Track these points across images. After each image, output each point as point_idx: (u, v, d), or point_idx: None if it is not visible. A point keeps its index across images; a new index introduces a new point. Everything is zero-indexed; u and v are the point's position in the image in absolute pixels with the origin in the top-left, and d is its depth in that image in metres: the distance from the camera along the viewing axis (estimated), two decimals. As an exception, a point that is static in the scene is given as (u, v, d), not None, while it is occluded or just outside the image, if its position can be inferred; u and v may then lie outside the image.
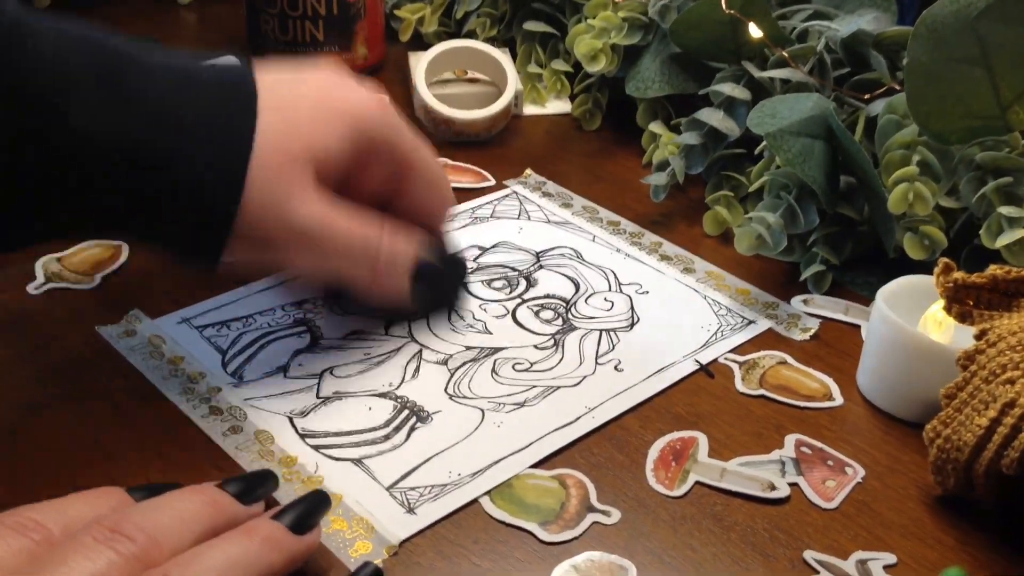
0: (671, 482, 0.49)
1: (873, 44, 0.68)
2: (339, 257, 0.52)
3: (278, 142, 0.49)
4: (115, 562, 0.35)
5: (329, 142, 0.51)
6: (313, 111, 0.51)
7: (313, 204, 0.51)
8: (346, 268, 0.53)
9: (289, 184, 0.50)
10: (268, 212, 0.49)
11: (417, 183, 0.56)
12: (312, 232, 0.51)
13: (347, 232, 0.52)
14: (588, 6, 0.80)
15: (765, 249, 0.62)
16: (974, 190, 0.59)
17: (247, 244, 0.50)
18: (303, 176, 0.50)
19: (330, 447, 0.50)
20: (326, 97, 0.53)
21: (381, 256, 0.53)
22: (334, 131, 0.51)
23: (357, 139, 0.52)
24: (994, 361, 0.45)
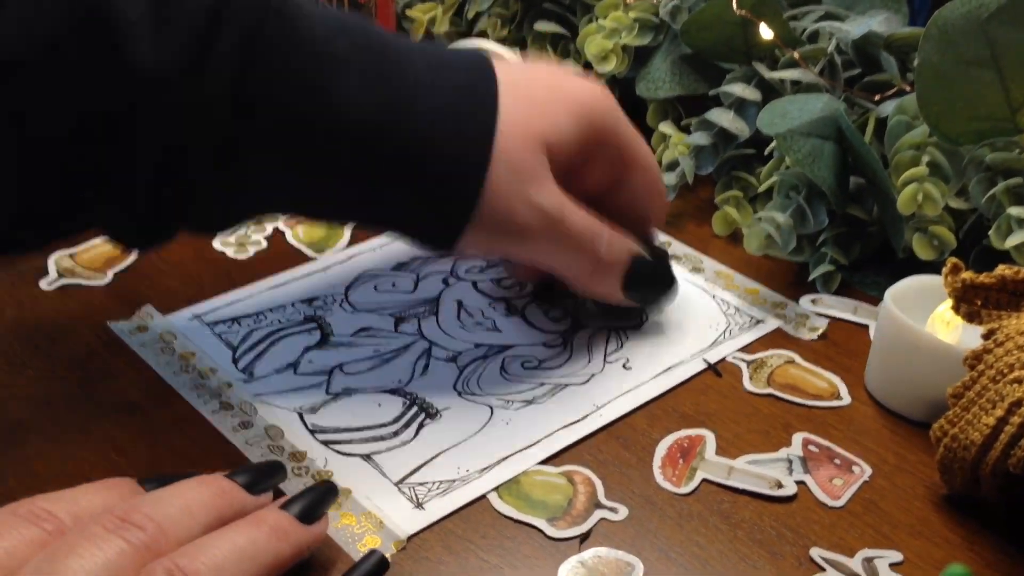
0: (678, 480, 0.49)
1: (884, 45, 0.68)
2: (569, 248, 0.52)
3: (518, 125, 0.50)
4: (125, 551, 0.35)
5: (561, 129, 0.51)
6: (546, 97, 0.52)
7: (551, 190, 0.51)
8: (571, 260, 0.53)
9: (531, 168, 0.50)
10: (510, 195, 0.49)
11: (637, 178, 0.56)
12: (550, 219, 0.51)
13: (580, 223, 0.52)
14: (599, 6, 0.80)
15: (774, 249, 0.62)
16: (983, 191, 0.59)
17: (486, 228, 0.50)
18: (542, 164, 0.50)
19: (339, 443, 0.50)
20: (557, 85, 0.53)
21: (603, 250, 0.53)
22: (566, 118, 0.52)
23: (586, 128, 0.52)
24: (1002, 360, 0.45)
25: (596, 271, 0.54)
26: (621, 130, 0.54)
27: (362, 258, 0.65)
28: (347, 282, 0.62)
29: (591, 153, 0.53)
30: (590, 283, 0.55)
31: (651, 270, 0.57)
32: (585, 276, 0.54)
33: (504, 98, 0.50)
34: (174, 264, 0.63)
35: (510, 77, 0.51)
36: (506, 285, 0.62)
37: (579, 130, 0.52)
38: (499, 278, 0.63)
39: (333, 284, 0.62)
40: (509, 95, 0.50)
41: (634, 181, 0.56)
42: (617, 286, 0.55)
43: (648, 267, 0.56)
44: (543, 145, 0.50)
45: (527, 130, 0.50)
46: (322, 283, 0.62)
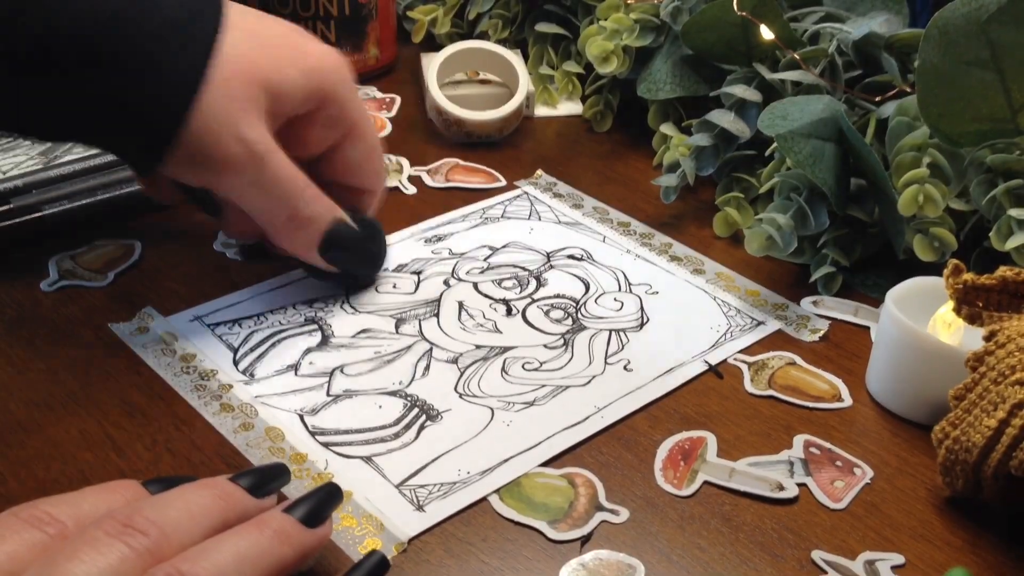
0: (680, 482, 0.49)
1: (884, 46, 0.68)
2: (268, 193, 0.53)
3: (241, 61, 0.50)
4: (127, 556, 0.35)
5: (287, 80, 0.52)
6: (278, 48, 0.53)
7: (261, 130, 0.52)
8: (269, 207, 0.54)
9: (244, 106, 0.51)
10: (219, 124, 0.50)
11: (355, 149, 0.57)
12: (258, 155, 0.51)
13: (283, 170, 0.53)
14: (600, 8, 0.80)
15: (775, 250, 0.62)
16: (984, 192, 0.59)
17: (188, 156, 0.51)
18: (257, 103, 0.51)
19: (340, 444, 0.50)
20: (292, 41, 0.54)
21: (302, 206, 0.54)
22: (293, 73, 0.52)
23: (312, 87, 0.53)
24: (1003, 362, 0.45)
25: (292, 225, 0.55)
26: (347, 97, 0.55)
27: (363, 259, 0.65)
28: (348, 283, 0.62)
29: (313, 113, 0.55)
30: (286, 236, 0.56)
31: (350, 237, 0.57)
32: (281, 227, 0.55)
33: (231, 33, 0.51)
34: (175, 265, 0.63)
35: (246, 22, 0.52)
36: (507, 286, 0.62)
37: (305, 86, 0.53)
38: (500, 279, 0.63)
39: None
40: (238, 32, 0.51)
41: (352, 150, 0.57)
42: (313, 246, 0.56)
43: (348, 233, 0.57)
44: (264, 87, 0.51)
45: (250, 68, 0.51)
46: (322, 285, 0.62)
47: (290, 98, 0.53)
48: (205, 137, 0.50)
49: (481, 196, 0.72)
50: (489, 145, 0.79)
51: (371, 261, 0.61)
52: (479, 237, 0.67)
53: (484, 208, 0.71)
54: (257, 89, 0.51)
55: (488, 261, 0.65)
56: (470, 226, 0.69)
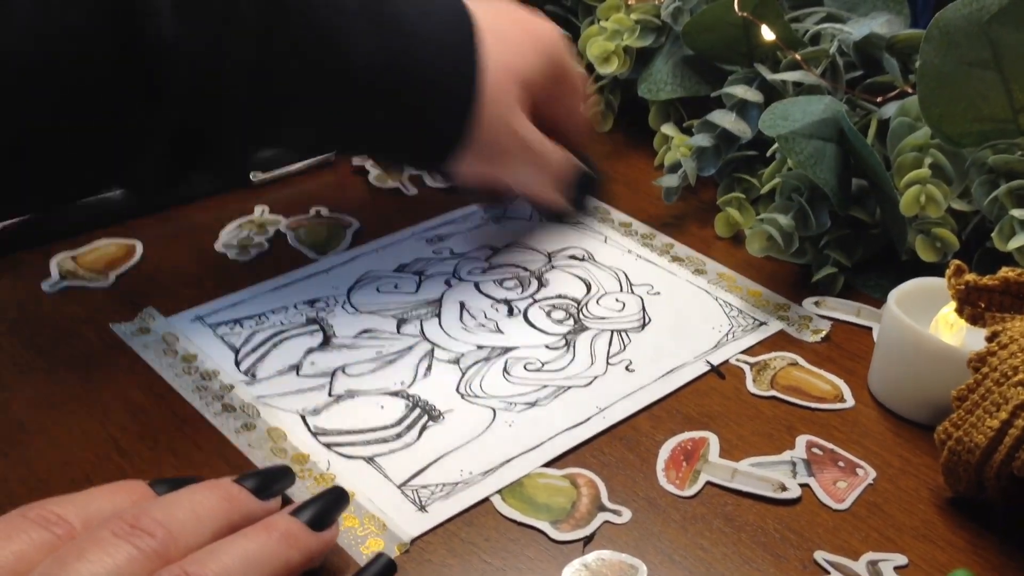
0: (682, 482, 0.49)
1: (886, 47, 0.68)
2: (535, 168, 0.62)
3: (499, 64, 0.58)
4: (134, 557, 0.35)
5: (532, 66, 0.60)
6: (517, 38, 0.60)
7: (525, 119, 0.60)
8: (535, 177, 0.63)
9: (513, 100, 0.59)
10: (495, 123, 0.58)
11: (574, 101, 0.66)
12: (525, 144, 0.60)
13: (545, 147, 0.62)
14: (601, 8, 0.80)
15: (776, 251, 0.62)
16: (986, 193, 0.59)
17: (475, 152, 0.59)
18: (520, 94, 0.59)
19: (342, 445, 0.50)
20: (523, 26, 0.62)
21: (554, 168, 0.63)
22: (535, 57, 0.61)
23: (549, 67, 0.61)
24: (1006, 363, 0.45)
25: (547, 182, 0.64)
26: (571, 63, 0.64)
27: (364, 259, 0.65)
28: (349, 283, 0.62)
29: (552, 87, 0.62)
30: (542, 194, 0.64)
31: (587, 180, 0.67)
32: (539, 189, 0.64)
33: (486, 35, 0.58)
34: (176, 266, 0.63)
35: (486, 21, 0.58)
36: (509, 287, 0.62)
37: (544, 66, 0.61)
38: (501, 279, 0.63)
39: (335, 285, 0.62)
40: (490, 38, 0.58)
41: (571, 103, 0.66)
42: (562, 195, 0.65)
43: (586, 178, 0.67)
44: (520, 81, 0.59)
45: (507, 68, 0.58)
46: (324, 284, 0.62)
47: (535, 81, 0.60)
48: (486, 136, 0.58)
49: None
50: (490, 145, 0.79)
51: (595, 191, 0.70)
52: (480, 237, 0.67)
53: (485, 208, 0.71)
54: (515, 85, 0.59)
55: (490, 261, 0.65)
56: (471, 226, 0.69)
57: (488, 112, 0.58)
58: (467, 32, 0.57)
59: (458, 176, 0.61)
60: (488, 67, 0.57)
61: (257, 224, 0.68)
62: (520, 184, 0.63)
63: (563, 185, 0.65)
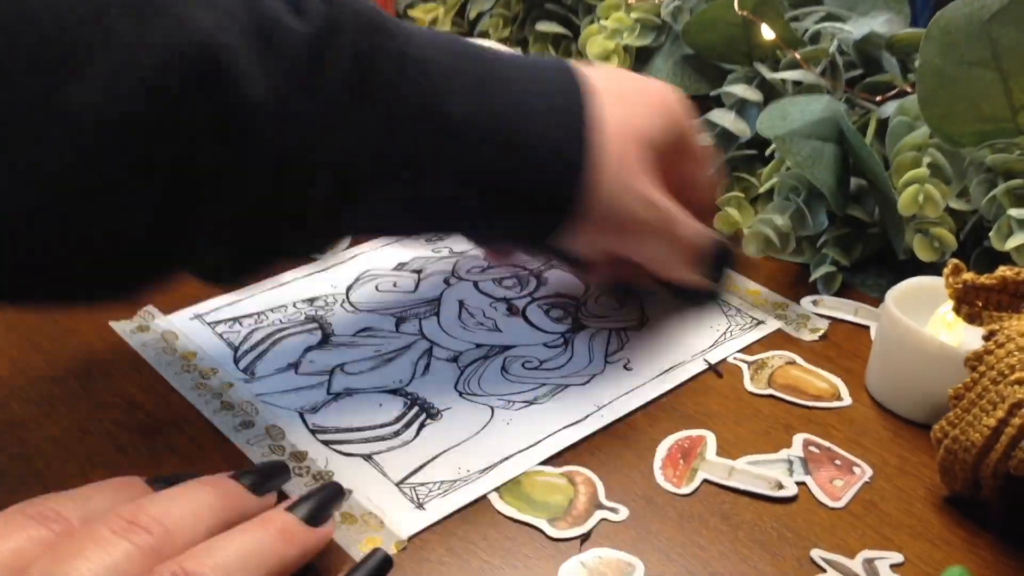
0: (679, 480, 0.49)
1: (885, 46, 0.68)
2: (667, 238, 0.54)
3: (618, 122, 0.51)
4: (131, 553, 0.35)
5: (656, 126, 0.54)
6: (637, 97, 0.54)
7: (658, 186, 0.53)
8: (667, 249, 0.55)
9: (638, 163, 0.52)
10: (618, 188, 0.51)
11: (699, 170, 0.59)
12: (657, 211, 0.53)
13: (678, 214, 0.54)
14: (601, 7, 0.80)
15: (774, 251, 0.62)
16: (984, 192, 0.59)
17: (596, 222, 0.51)
18: (647, 160, 0.53)
19: (340, 443, 0.50)
20: (639, 87, 0.55)
21: (695, 242, 0.56)
22: (655, 120, 0.54)
23: (671, 128, 0.55)
24: (1003, 362, 0.45)
25: (683, 257, 0.56)
26: (694, 132, 0.58)
27: (363, 258, 0.65)
28: (348, 282, 0.62)
29: (674, 151, 0.55)
30: (675, 268, 0.57)
31: (725, 251, 0.59)
32: (672, 262, 0.56)
33: (600, 96, 0.51)
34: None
35: (597, 81, 0.52)
36: (507, 285, 0.62)
37: (669, 128, 0.54)
38: (500, 277, 0.63)
39: (334, 284, 0.62)
40: (603, 97, 0.51)
41: (696, 172, 0.59)
42: (697, 269, 0.57)
43: (723, 248, 0.59)
44: (645, 141, 0.52)
45: (627, 126, 0.52)
46: (323, 283, 0.62)
47: (662, 144, 0.54)
48: (609, 204, 0.51)
49: (482, 195, 0.72)
50: (490, 144, 0.79)
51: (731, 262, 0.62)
52: (480, 236, 0.67)
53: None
54: (641, 147, 0.52)
55: (489, 260, 0.65)
56: (471, 225, 0.69)
57: (608, 176, 0.50)
58: (576, 91, 0.51)
59: (576, 252, 0.54)
60: (606, 127, 0.51)
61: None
62: (652, 260, 0.56)
63: (700, 259, 0.57)
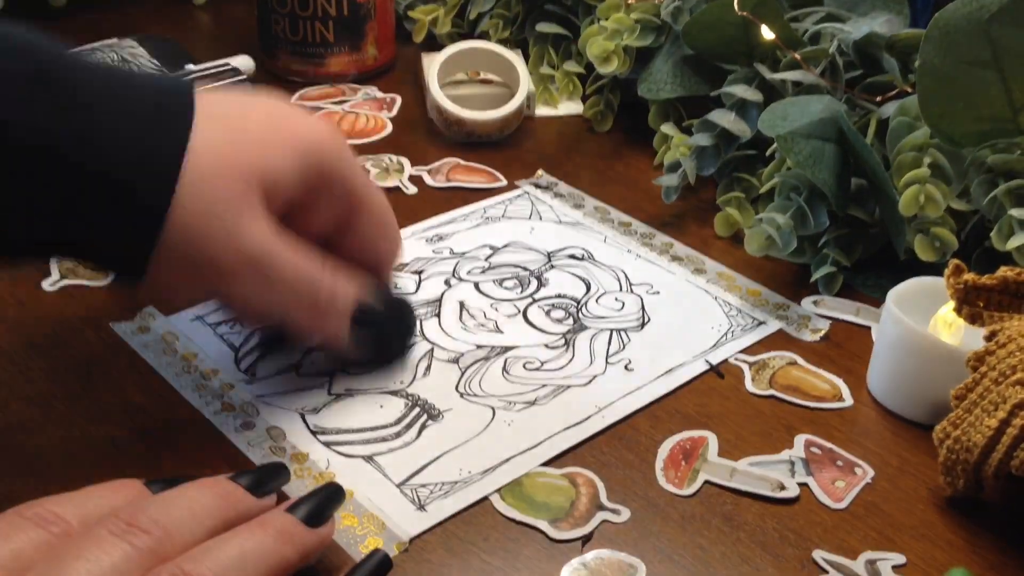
0: (681, 481, 0.49)
1: (885, 46, 0.68)
2: (283, 291, 0.48)
3: (222, 155, 0.46)
4: (130, 555, 0.35)
5: (279, 167, 0.48)
6: (263, 133, 0.48)
7: (262, 229, 0.47)
8: (287, 304, 0.49)
9: (238, 203, 0.46)
10: (208, 230, 0.45)
11: (365, 224, 0.52)
12: (260, 259, 0.47)
13: (293, 265, 0.48)
14: (601, 8, 0.80)
15: (775, 250, 0.62)
16: (985, 192, 0.59)
17: (183, 263, 0.46)
18: (251, 197, 0.46)
19: (341, 444, 0.50)
20: (277, 121, 0.49)
21: (322, 294, 0.50)
22: (285, 157, 0.48)
23: (308, 169, 0.49)
24: (1004, 362, 0.45)
25: (315, 316, 0.50)
26: (348, 172, 0.51)
27: (364, 259, 0.65)
28: (349, 283, 0.62)
29: (314, 196, 0.50)
30: (311, 325, 0.51)
31: (378, 310, 0.53)
32: (304, 318, 0.50)
33: (206, 129, 0.46)
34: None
35: (220, 109, 0.47)
36: (508, 286, 0.62)
37: (299, 171, 0.48)
38: (501, 279, 0.63)
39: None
40: (215, 127, 0.46)
41: (363, 225, 0.52)
42: (342, 328, 0.51)
43: (374, 307, 0.52)
44: (255, 181, 0.47)
45: (234, 163, 0.46)
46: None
47: (287, 182, 0.48)
48: (193, 245, 0.45)
49: (482, 196, 0.72)
50: (490, 145, 0.79)
51: (401, 336, 0.57)
52: (480, 237, 0.67)
53: (485, 208, 0.71)
54: (249, 182, 0.46)
55: (489, 261, 0.65)
56: (471, 226, 0.69)
57: (191, 212, 0.44)
58: (173, 119, 0.45)
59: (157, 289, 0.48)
60: (199, 159, 0.45)
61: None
62: (265, 311, 0.49)
63: (340, 319, 0.51)
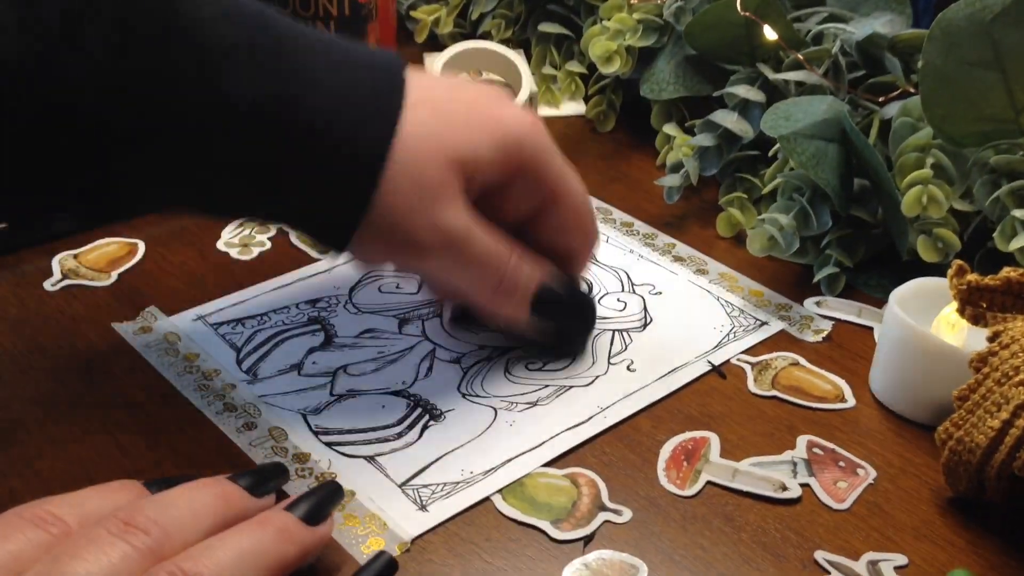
0: (683, 482, 0.49)
1: (888, 47, 0.68)
2: (470, 272, 0.51)
3: (428, 139, 0.48)
4: (129, 555, 0.35)
5: (481, 153, 0.49)
6: (467, 117, 0.50)
7: (459, 212, 0.49)
8: (472, 284, 0.51)
9: (440, 186, 0.48)
10: (410, 208, 0.48)
11: (561, 215, 0.53)
12: (454, 241, 0.49)
13: (484, 246, 0.50)
14: (603, 8, 0.80)
15: (777, 251, 0.62)
16: (988, 193, 0.59)
17: (384, 239, 0.49)
18: (452, 181, 0.48)
19: (343, 444, 0.50)
20: (481, 107, 0.51)
21: (506, 278, 0.51)
22: (487, 143, 0.49)
23: (508, 156, 0.50)
24: (1007, 363, 0.45)
25: (498, 293, 0.52)
26: (548, 162, 0.52)
27: (366, 259, 0.65)
28: (351, 283, 0.62)
29: (511, 182, 0.51)
30: (492, 305, 0.53)
31: (560, 299, 0.54)
32: (486, 298, 0.52)
33: (416, 110, 0.48)
34: (178, 265, 0.63)
35: (429, 92, 0.49)
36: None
37: (500, 155, 0.50)
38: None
39: (337, 285, 0.62)
40: (424, 108, 0.48)
41: (558, 216, 0.53)
42: (521, 311, 0.53)
43: (556, 296, 0.53)
44: (456, 163, 0.48)
45: (439, 146, 0.48)
46: (326, 284, 0.62)
47: (484, 170, 0.49)
48: (396, 223, 0.48)
49: (484, 196, 0.72)
50: (492, 145, 0.79)
51: (582, 324, 0.58)
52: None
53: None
54: (448, 169, 0.48)
55: None
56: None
57: (397, 190, 0.47)
58: (387, 98, 0.48)
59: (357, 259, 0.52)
60: (408, 140, 0.47)
61: (259, 223, 0.68)
62: (452, 286, 0.53)
63: (521, 297, 0.52)
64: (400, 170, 0.47)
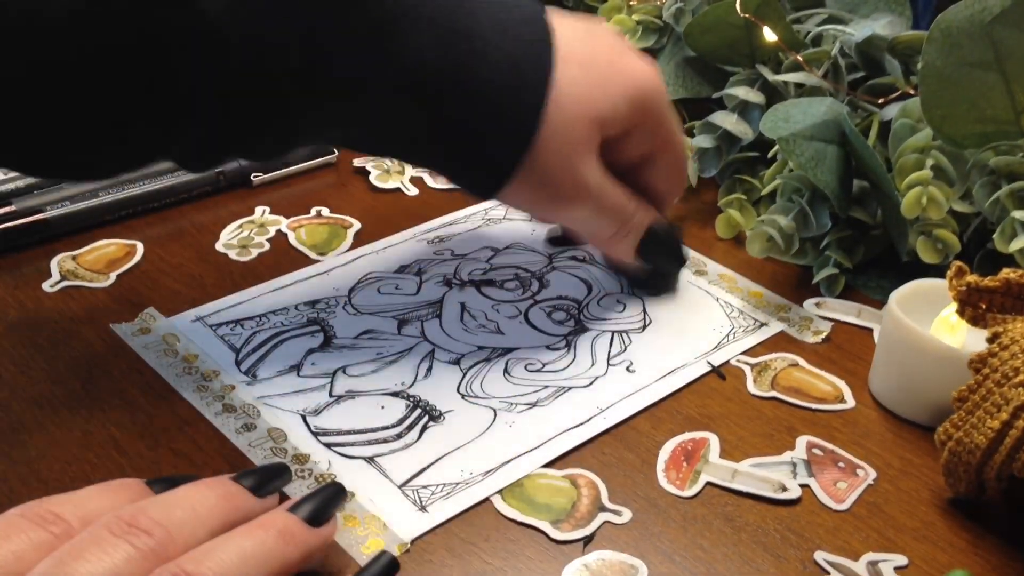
0: (682, 482, 0.49)
1: (888, 48, 0.68)
2: (602, 219, 0.56)
3: (574, 99, 0.52)
4: (132, 556, 0.35)
5: (616, 109, 0.54)
6: (605, 73, 0.54)
7: (596, 166, 0.54)
8: (599, 227, 0.57)
9: (584, 141, 0.53)
10: (557, 162, 0.53)
11: (665, 163, 0.58)
12: (592, 193, 0.54)
13: (615, 199, 0.56)
14: (602, 9, 0.80)
15: (777, 252, 0.62)
16: (988, 194, 0.59)
17: (529, 187, 0.53)
18: (594, 136, 0.53)
19: (342, 445, 0.50)
20: (617, 62, 0.55)
21: (628, 223, 0.57)
22: (623, 101, 0.54)
23: (635, 110, 0.54)
24: (1007, 364, 0.45)
25: (617, 236, 0.58)
26: (664, 115, 0.57)
27: (365, 260, 0.65)
28: (350, 284, 0.62)
29: (634, 130, 0.55)
30: (609, 246, 0.59)
31: (663, 241, 0.60)
32: (606, 239, 0.58)
33: (566, 67, 0.52)
34: (176, 266, 0.63)
35: (571, 45, 0.53)
36: (510, 288, 0.62)
37: (630, 110, 0.54)
38: (502, 280, 0.63)
39: (336, 286, 0.62)
40: (572, 65, 0.52)
41: (663, 164, 0.58)
42: (631, 250, 0.59)
43: (660, 238, 0.60)
44: (597, 122, 0.53)
45: (583, 104, 0.52)
46: (325, 285, 0.62)
47: (615, 124, 0.54)
48: (544, 177, 0.53)
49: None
50: (491, 146, 0.79)
51: (678, 258, 0.63)
52: (481, 239, 0.67)
53: (486, 209, 0.71)
54: (591, 127, 0.53)
55: (490, 262, 0.65)
56: (472, 227, 0.68)
57: (548, 147, 0.52)
58: (543, 57, 0.51)
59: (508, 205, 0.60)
60: (560, 99, 0.51)
61: (258, 224, 0.68)
62: (579, 228, 0.59)
63: (634, 238, 0.58)
64: (553, 130, 0.52)
